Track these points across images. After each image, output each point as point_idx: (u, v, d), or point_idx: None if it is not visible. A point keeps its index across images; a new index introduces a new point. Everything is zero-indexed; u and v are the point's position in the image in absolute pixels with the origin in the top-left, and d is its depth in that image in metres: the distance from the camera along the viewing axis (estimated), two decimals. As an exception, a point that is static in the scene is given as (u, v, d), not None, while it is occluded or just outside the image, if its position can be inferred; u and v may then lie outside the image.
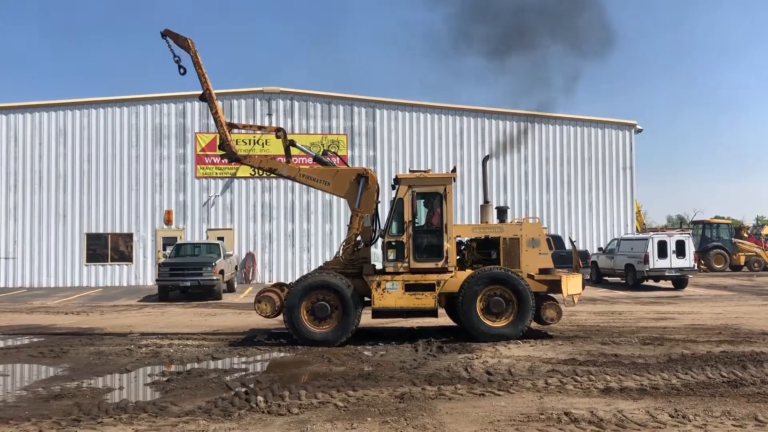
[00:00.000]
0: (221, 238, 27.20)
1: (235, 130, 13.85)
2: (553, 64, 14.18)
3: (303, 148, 14.03)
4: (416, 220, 12.30)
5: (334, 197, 27.04)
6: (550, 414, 7.10)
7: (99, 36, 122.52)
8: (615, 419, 6.88)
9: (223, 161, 13.99)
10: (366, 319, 12.79)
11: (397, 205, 12.27)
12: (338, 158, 14.99)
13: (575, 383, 8.52)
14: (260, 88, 29.76)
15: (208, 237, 28.36)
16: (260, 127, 14.11)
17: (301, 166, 13.40)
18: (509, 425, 6.76)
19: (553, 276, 12.36)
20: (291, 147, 13.53)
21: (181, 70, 13.81)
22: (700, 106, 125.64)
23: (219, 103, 13.93)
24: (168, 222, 28.89)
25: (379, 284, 12.03)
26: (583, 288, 13.06)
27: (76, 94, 66.37)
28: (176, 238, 28.09)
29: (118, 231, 28.77)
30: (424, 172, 13.14)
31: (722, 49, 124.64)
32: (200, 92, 13.61)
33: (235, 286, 25.14)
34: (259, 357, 11.04)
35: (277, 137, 13.64)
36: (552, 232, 27.32)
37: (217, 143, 13.87)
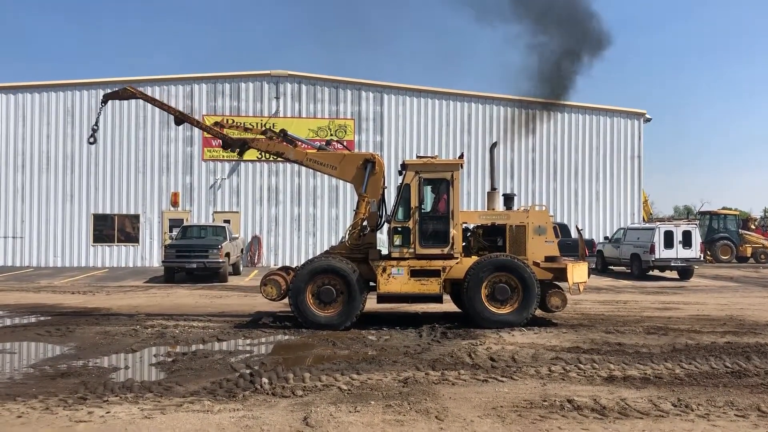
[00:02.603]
0: (227, 221, 27.25)
1: (224, 129, 13.94)
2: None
3: (295, 136, 13.97)
4: (423, 206, 12.28)
5: (341, 182, 27.05)
6: (553, 401, 7.12)
7: (105, 18, 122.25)
8: (618, 407, 6.89)
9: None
10: (371, 303, 12.82)
11: (403, 191, 12.25)
12: (342, 145, 14.97)
13: (578, 371, 8.54)
14: (268, 72, 29.66)
15: (214, 219, 28.43)
16: (246, 128, 14.12)
17: (308, 151, 13.40)
18: (512, 411, 6.78)
19: (558, 264, 12.36)
20: (285, 135, 13.55)
21: (91, 140, 14.34)
22: (708, 97, 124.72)
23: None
24: (174, 204, 28.97)
25: (384, 269, 12.05)
26: (588, 277, 13.06)
27: (84, 75, 66.38)
28: (183, 220, 28.18)
29: (124, 212, 28.87)
30: (432, 158, 13.10)
31: (733, 39, 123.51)
32: (175, 117, 14.07)
33: (241, 268, 25.21)
34: (263, 339, 11.10)
35: (269, 137, 13.54)
36: (558, 221, 27.30)
37: (221, 145, 14.04)
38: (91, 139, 14.28)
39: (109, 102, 14.46)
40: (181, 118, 13.85)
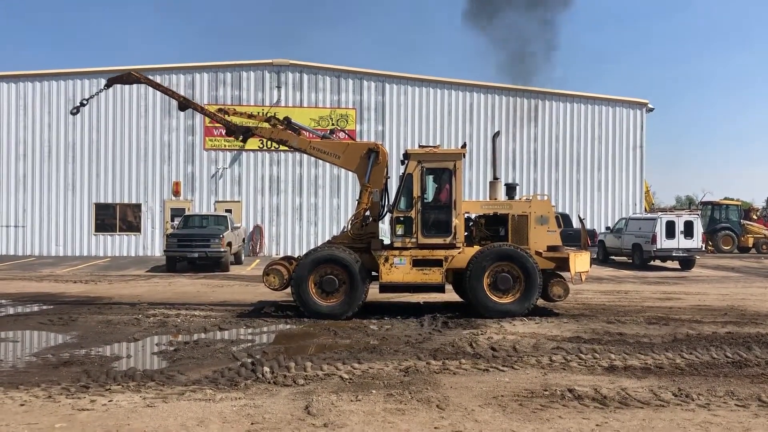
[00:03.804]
0: (229, 211, 27.26)
1: (227, 116, 13.89)
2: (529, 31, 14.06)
3: (300, 125, 13.94)
4: (425, 196, 12.27)
5: (342, 171, 27.05)
6: (553, 390, 7.13)
7: (106, 7, 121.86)
8: (618, 397, 6.90)
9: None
10: (373, 293, 12.83)
11: (406, 181, 12.24)
12: (345, 134, 14.93)
13: (579, 361, 8.55)
14: (269, 61, 29.58)
15: (216, 209, 28.44)
16: (250, 116, 14.06)
17: (312, 139, 13.37)
18: (513, 401, 6.80)
19: (561, 253, 12.36)
20: (289, 123, 13.52)
21: (74, 111, 13.93)
22: (711, 88, 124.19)
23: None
24: (176, 193, 28.97)
25: (387, 259, 12.05)
26: (590, 266, 13.05)
27: (85, 64, 66.24)
28: (184, 209, 28.19)
29: (126, 201, 28.89)
30: (434, 147, 13.07)
31: (733, 32, 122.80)
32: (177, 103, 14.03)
33: (243, 258, 25.26)
34: (265, 329, 11.13)
35: (272, 125, 13.50)
36: (560, 211, 27.27)
37: (225, 132, 14.01)
38: (74, 110, 13.93)
39: (111, 90, 14.36)
40: (184, 104, 13.79)
